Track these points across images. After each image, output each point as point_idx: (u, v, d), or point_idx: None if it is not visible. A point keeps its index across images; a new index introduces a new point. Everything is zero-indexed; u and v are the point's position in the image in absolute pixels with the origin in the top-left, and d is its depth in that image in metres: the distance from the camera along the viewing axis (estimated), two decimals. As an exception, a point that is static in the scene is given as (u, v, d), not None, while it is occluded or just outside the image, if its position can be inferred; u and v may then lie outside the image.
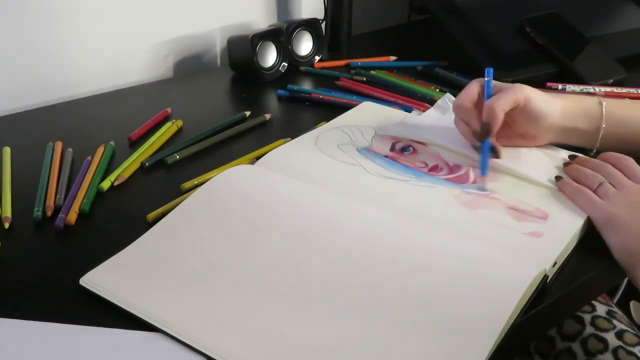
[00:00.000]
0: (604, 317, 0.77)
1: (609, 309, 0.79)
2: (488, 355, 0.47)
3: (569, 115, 0.69)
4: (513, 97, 0.67)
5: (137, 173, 0.72)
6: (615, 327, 0.76)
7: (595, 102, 0.70)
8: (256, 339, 0.49)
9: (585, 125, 0.69)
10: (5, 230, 0.62)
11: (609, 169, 0.64)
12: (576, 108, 0.69)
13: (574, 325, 0.77)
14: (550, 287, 0.56)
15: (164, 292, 0.53)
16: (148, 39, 0.98)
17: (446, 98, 0.83)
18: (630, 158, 0.65)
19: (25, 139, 0.79)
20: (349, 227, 0.58)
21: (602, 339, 0.75)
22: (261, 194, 0.63)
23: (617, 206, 0.60)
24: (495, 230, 0.60)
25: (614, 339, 0.75)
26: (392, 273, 0.54)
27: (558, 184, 0.66)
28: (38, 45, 0.89)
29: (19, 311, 0.51)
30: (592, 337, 0.75)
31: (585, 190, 0.63)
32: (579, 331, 0.76)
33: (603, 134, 0.69)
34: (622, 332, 0.76)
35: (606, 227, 0.60)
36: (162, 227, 0.60)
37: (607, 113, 0.69)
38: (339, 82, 0.94)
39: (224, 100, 0.96)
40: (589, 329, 0.76)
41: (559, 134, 0.70)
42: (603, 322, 0.77)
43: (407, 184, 0.67)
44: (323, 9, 1.09)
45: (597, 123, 0.69)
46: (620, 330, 0.76)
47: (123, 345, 0.48)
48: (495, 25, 0.99)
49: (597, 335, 0.75)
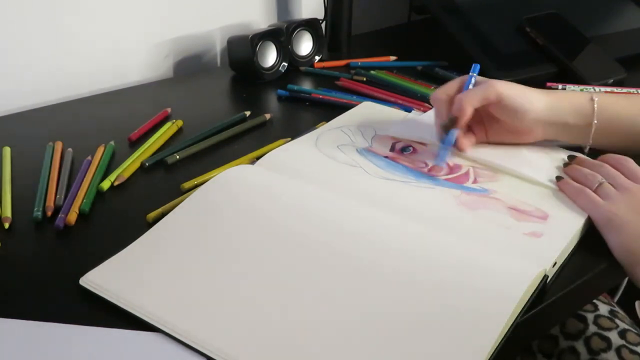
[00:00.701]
0: (606, 316, 0.77)
1: (612, 308, 0.80)
2: (488, 355, 0.47)
3: (556, 110, 0.69)
4: (482, 93, 0.67)
5: (137, 173, 0.72)
6: (618, 326, 0.76)
7: (587, 98, 0.69)
8: (256, 339, 0.49)
9: (576, 120, 0.69)
10: (5, 230, 0.62)
11: (608, 169, 0.64)
12: (565, 103, 0.69)
13: (577, 324, 0.77)
14: (550, 287, 0.56)
15: (164, 292, 0.53)
16: (148, 39, 0.98)
17: None
18: (629, 159, 0.65)
19: (25, 139, 0.79)
20: (348, 227, 0.58)
21: (605, 338, 0.75)
22: (261, 194, 0.63)
23: (617, 206, 0.60)
24: (495, 230, 0.60)
25: (617, 338, 0.75)
26: (391, 273, 0.54)
27: (559, 184, 0.66)
28: (38, 45, 0.89)
29: (19, 311, 0.51)
30: (595, 335, 0.75)
31: (585, 190, 0.63)
32: (582, 330, 0.76)
33: (595, 130, 0.69)
34: (625, 331, 0.76)
35: (607, 227, 0.60)
36: (162, 227, 0.60)
37: (598, 109, 0.68)
38: (339, 82, 0.94)
39: (224, 100, 0.96)
40: (592, 328, 0.76)
41: (549, 130, 0.70)
42: (606, 322, 0.77)
43: (407, 184, 0.67)
44: (323, 9, 1.09)
45: (588, 119, 0.69)
46: (623, 329, 0.76)
47: (123, 345, 0.48)
48: (495, 25, 0.99)
49: (600, 334, 0.75)
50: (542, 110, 0.68)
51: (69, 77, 0.92)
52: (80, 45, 0.92)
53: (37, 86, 0.90)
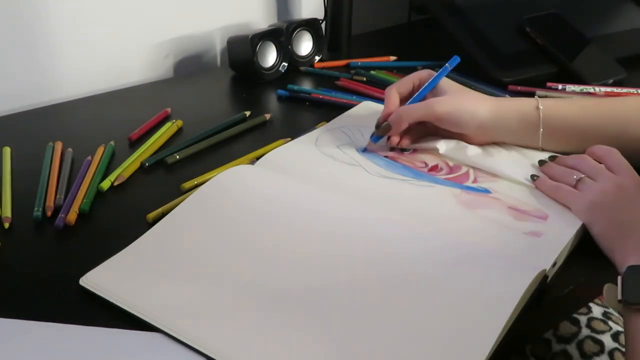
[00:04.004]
0: (600, 318, 0.77)
1: (605, 310, 0.79)
2: (488, 356, 0.47)
3: (502, 119, 0.70)
4: (421, 114, 0.70)
5: (137, 173, 0.72)
6: (611, 328, 0.76)
7: (533, 106, 0.70)
8: (256, 339, 0.49)
9: (523, 127, 0.71)
10: (5, 230, 0.62)
11: (588, 162, 0.65)
12: (512, 112, 0.71)
13: (569, 327, 0.77)
14: (550, 287, 0.55)
15: (163, 292, 0.53)
16: (148, 39, 0.98)
17: None
18: (614, 150, 0.65)
19: (25, 139, 0.79)
20: (348, 227, 0.58)
21: (598, 341, 0.75)
22: (261, 194, 0.63)
23: (595, 195, 0.61)
24: (495, 230, 0.60)
25: (610, 340, 0.75)
26: (391, 273, 0.54)
27: (535, 182, 0.66)
28: (38, 45, 0.89)
29: (19, 311, 0.51)
30: (588, 339, 0.75)
31: (562, 186, 0.64)
32: (575, 333, 0.76)
33: (543, 137, 0.71)
34: (618, 333, 0.76)
35: (587, 216, 0.60)
36: (162, 227, 0.60)
37: (544, 117, 0.70)
38: (338, 82, 0.94)
39: (224, 100, 0.96)
40: (584, 331, 0.76)
41: (496, 136, 0.72)
42: (599, 324, 0.77)
43: (407, 183, 0.67)
44: (323, 9, 1.09)
45: (535, 127, 0.70)
46: (616, 332, 0.76)
47: (123, 345, 0.48)
48: (495, 25, 0.99)
49: (593, 337, 0.75)
50: (486, 119, 0.70)
51: (69, 77, 0.92)
52: (80, 45, 0.92)
53: (37, 86, 0.90)
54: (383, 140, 0.73)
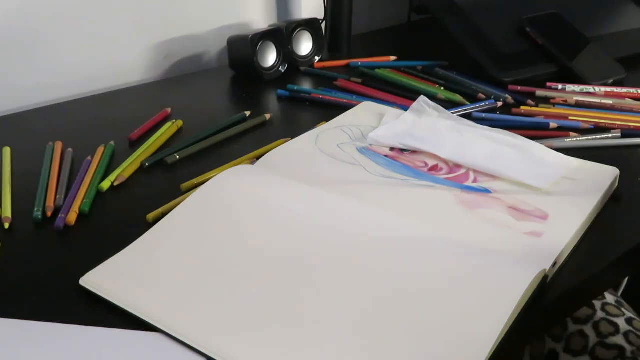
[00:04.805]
0: (613, 304, 0.79)
1: (617, 299, 0.81)
2: (488, 356, 0.47)
3: None
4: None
5: (137, 173, 0.72)
6: (625, 314, 0.78)
7: None
8: (256, 339, 0.49)
9: None
10: (5, 230, 0.62)
11: None
12: None
13: (585, 309, 0.78)
14: (550, 287, 0.55)
15: (163, 292, 0.53)
16: (148, 39, 0.99)
17: (421, 101, 0.82)
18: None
19: (25, 139, 0.79)
20: (348, 226, 0.58)
21: (613, 323, 0.76)
22: (261, 194, 0.63)
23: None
24: (495, 229, 0.60)
25: (625, 324, 0.76)
26: (391, 272, 0.54)
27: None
28: (38, 45, 0.89)
29: (19, 311, 0.51)
30: (603, 320, 0.77)
31: None
32: (591, 315, 0.77)
33: None
34: (631, 319, 0.77)
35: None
36: (161, 227, 0.60)
37: None
38: (336, 82, 0.94)
39: (224, 100, 0.96)
40: (600, 314, 0.77)
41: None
42: (613, 309, 0.78)
43: (407, 183, 0.67)
44: (323, 9, 1.09)
45: None
46: (629, 317, 0.77)
47: (123, 345, 0.48)
48: (495, 25, 0.99)
49: (608, 319, 0.77)
50: None
51: (68, 77, 0.92)
52: (80, 45, 0.92)
53: (37, 86, 0.90)
54: (383, 140, 0.73)
